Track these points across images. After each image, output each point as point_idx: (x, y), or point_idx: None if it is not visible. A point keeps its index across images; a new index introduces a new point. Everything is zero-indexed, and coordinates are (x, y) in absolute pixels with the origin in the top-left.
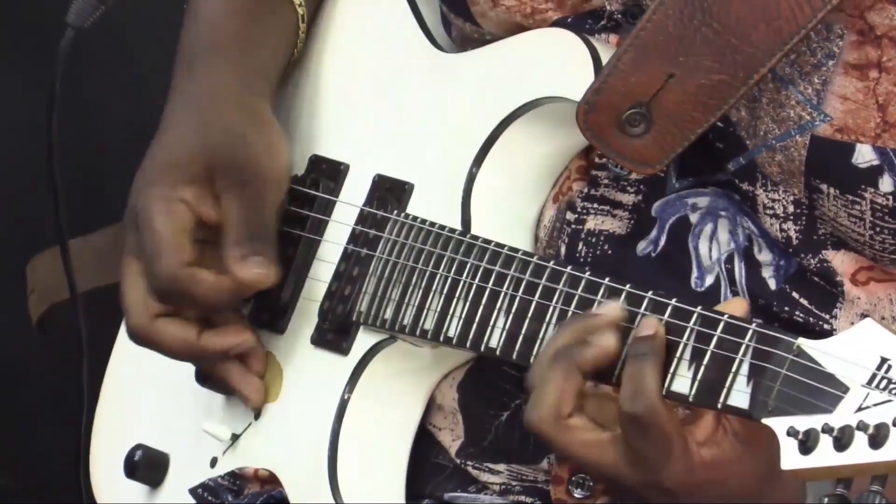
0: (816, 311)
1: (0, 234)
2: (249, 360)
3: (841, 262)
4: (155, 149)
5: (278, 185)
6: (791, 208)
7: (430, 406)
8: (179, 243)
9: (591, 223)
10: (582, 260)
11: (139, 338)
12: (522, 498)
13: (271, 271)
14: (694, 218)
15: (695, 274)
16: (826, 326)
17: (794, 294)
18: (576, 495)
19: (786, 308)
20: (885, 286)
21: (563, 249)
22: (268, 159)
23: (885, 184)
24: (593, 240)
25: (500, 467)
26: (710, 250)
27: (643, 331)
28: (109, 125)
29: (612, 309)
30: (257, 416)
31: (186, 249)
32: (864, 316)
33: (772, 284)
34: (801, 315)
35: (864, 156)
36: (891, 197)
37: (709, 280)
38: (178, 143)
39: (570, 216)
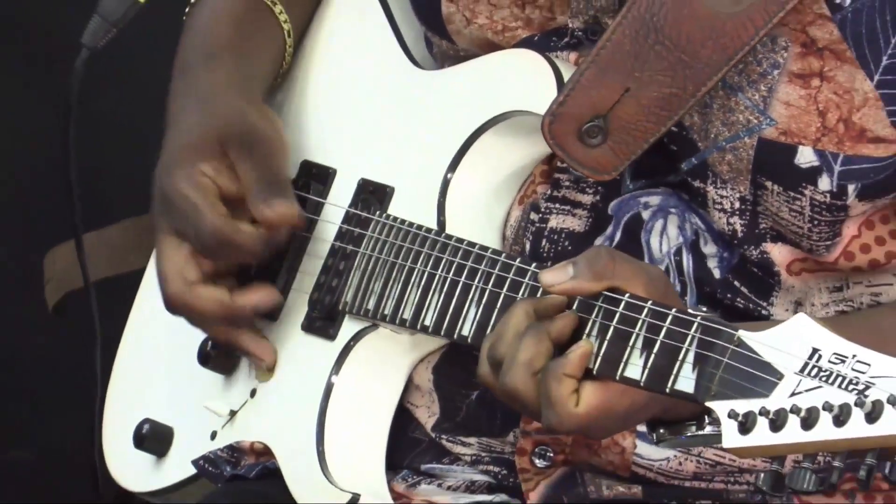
0: (756, 299)
1: (20, 230)
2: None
3: (779, 253)
4: (169, 141)
5: (282, 145)
6: (737, 204)
7: (408, 386)
8: (214, 203)
9: (554, 222)
10: (545, 255)
11: (177, 304)
12: (491, 468)
13: (294, 208)
14: (646, 215)
15: None
16: (764, 312)
17: (737, 283)
18: (538, 464)
19: (728, 295)
20: (816, 276)
21: (528, 246)
22: (268, 126)
23: (823, 182)
24: (555, 237)
25: (471, 440)
26: (661, 244)
27: (572, 348)
28: (118, 132)
29: (554, 298)
30: (253, 394)
31: (221, 207)
32: (797, 303)
33: (716, 274)
34: (742, 302)
35: (806, 157)
36: (828, 194)
37: None
38: (189, 130)
39: (534, 216)
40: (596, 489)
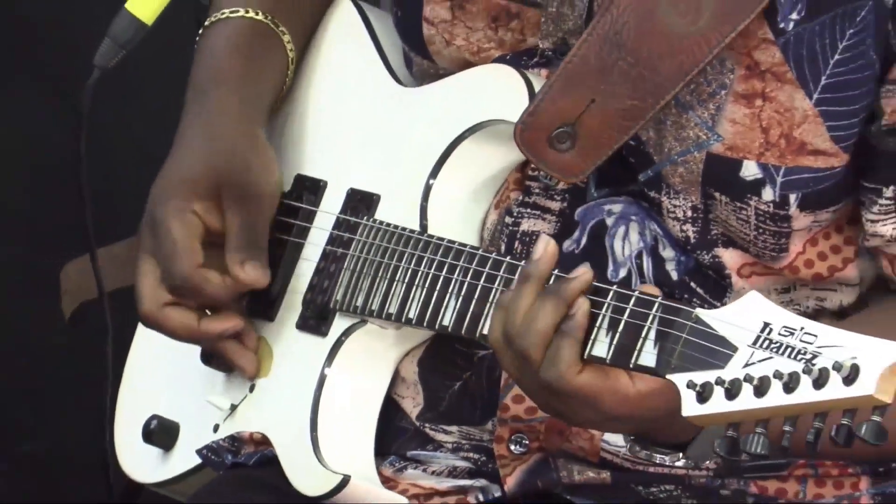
0: (710, 299)
1: (38, 243)
2: (244, 340)
3: (730, 257)
4: (170, 166)
5: (271, 201)
6: (689, 212)
7: (395, 378)
8: (193, 248)
9: (525, 225)
10: (518, 255)
11: (149, 322)
12: (471, 454)
13: (264, 274)
14: (610, 221)
15: (610, 268)
16: None
17: (692, 284)
18: (514, 451)
19: (685, 296)
20: (764, 279)
21: (502, 247)
22: (264, 180)
23: (767, 193)
24: (527, 239)
25: (453, 429)
26: (623, 248)
27: (571, 310)
28: (127, 151)
29: (584, 273)
30: (252, 389)
31: (198, 254)
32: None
33: (674, 276)
34: (698, 301)
35: (750, 170)
36: (771, 204)
37: (622, 272)
38: (190, 163)
39: (508, 220)
40: (568, 474)
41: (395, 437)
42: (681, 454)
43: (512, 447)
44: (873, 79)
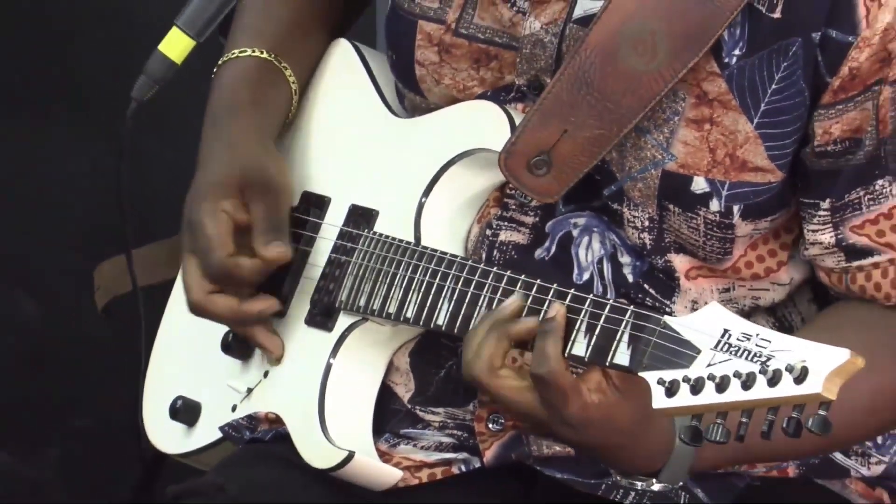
0: (661, 299)
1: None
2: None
3: (680, 262)
4: (199, 177)
5: (287, 194)
6: (647, 222)
7: (390, 367)
8: (224, 241)
9: (503, 236)
10: (496, 262)
11: (197, 309)
12: (455, 432)
13: (287, 251)
14: (575, 233)
15: (575, 272)
16: (667, 310)
17: (646, 286)
18: (491, 429)
19: (639, 296)
20: (709, 280)
21: (483, 255)
22: (279, 177)
23: (714, 205)
24: (504, 248)
25: (439, 410)
26: (587, 255)
27: (549, 314)
28: (158, 169)
29: (513, 301)
30: (266, 375)
31: (230, 245)
32: (693, 301)
33: (630, 279)
34: (651, 300)
35: (699, 185)
36: (717, 214)
37: (585, 276)
38: (215, 170)
39: (488, 232)
40: (538, 448)
41: (389, 418)
42: (654, 480)
43: (490, 425)
44: (804, 105)
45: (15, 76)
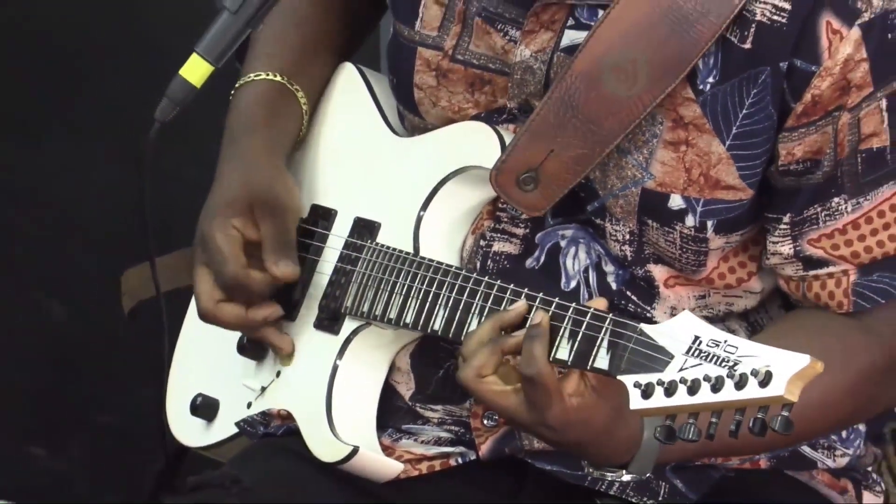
0: (642, 305)
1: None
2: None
3: (658, 272)
4: (212, 195)
5: (294, 214)
6: (627, 236)
7: (392, 368)
8: (237, 254)
9: (496, 247)
10: (490, 272)
11: (207, 317)
12: (452, 427)
13: (295, 269)
14: (563, 244)
15: (563, 280)
16: (648, 315)
17: (628, 293)
18: (486, 424)
19: (623, 302)
20: (686, 288)
21: (478, 264)
22: (287, 198)
23: (689, 220)
24: (497, 258)
25: (438, 407)
26: (573, 265)
27: (535, 320)
28: (179, 183)
29: (520, 305)
30: (278, 374)
31: (241, 258)
32: (672, 308)
33: (613, 286)
34: (633, 307)
35: (676, 202)
36: (692, 229)
37: (572, 284)
38: (228, 190)
39: (482, 243)
40: (529, 443)
41: (392, 414)
42: (624, 471)
43: (485, 421)
44: (772, 129)
45: (48, 95)
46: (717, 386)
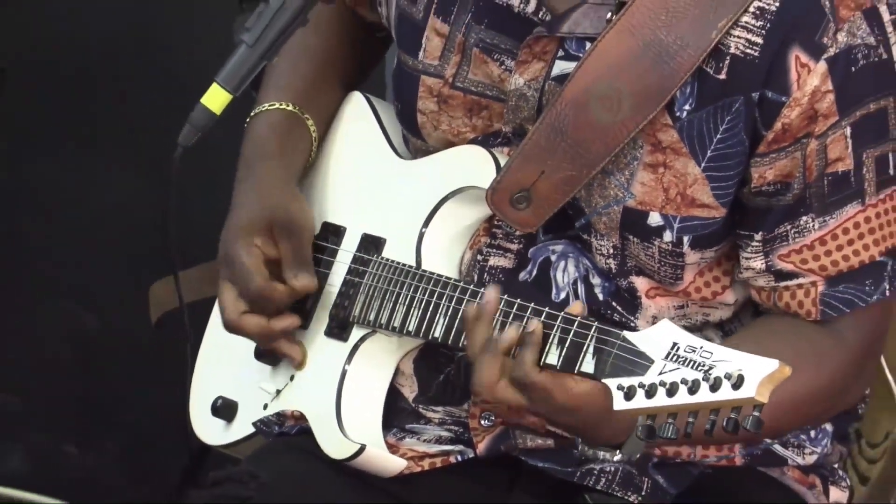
0: (626, 314)
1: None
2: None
3: (641, 283)
4: (232, 218)
5: (309, 233)
6: (611, 250)
7: (397, 372)
8: (260, 269)
9: (492, 261)
10: (486, 283)
11: (231, 327)
12: (452, 427)
13: (312, 281)
14: (553, 258)
15: (553, 291)
16: (631, 324)
17: (613, 303)
18: (483, 424)
19: (608, 311)
20: (666, 299)
21: (475, 277)
22: (302, 218)
23: (667, 236)
24: (493, 271)
25: (439, 408)
26: (563, 277)
27: (529, 328)
28: (200, 202)
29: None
30: (292, 378)
31: (265, 272)
32: (654, 317)
33: (600, 297)
34: (618, 316)
35: (655, 219)
36: (670, 244)
37: (562, 295)
38: (247, 211)
39: (479, 257)
40: (522, 441)
41: (396, 415)
42: (617, 451)
43: (482, 422)
44: (744, 153)
45: (83, 122)
46: (693, 388)
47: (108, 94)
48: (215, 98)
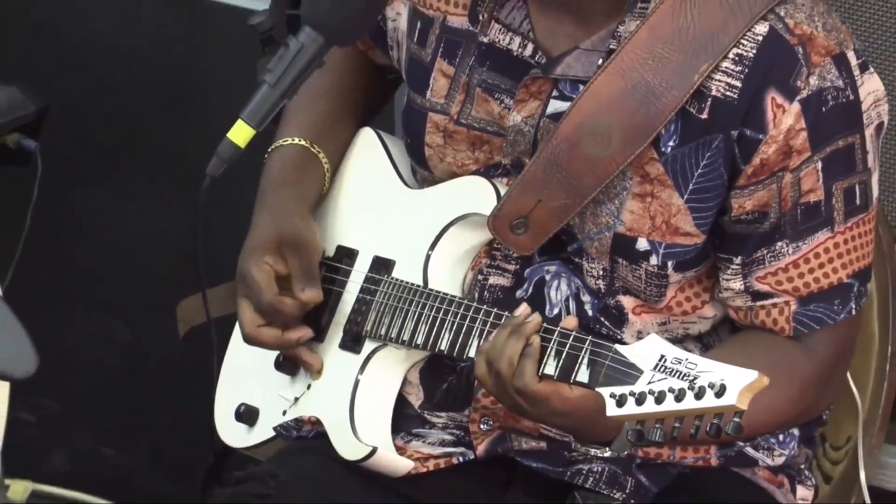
0: (614, 329)
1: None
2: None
3: (627, 301)
4: (248, 240)
5: (316, 250)
6: (601, 272)
7: (404, 381)
8: (270, 285)
9: (492, 280)
10: (486, 300)
11: (250, 339)
12: (455, 431)
13: (318, 294)
14: (547, 277)
15: (547, 308)
16: (619, 337)
17: (602, 318)
18: (482, 428)
19: (597, 326)
20: (650, 315)
21: (476, 295)
22: (310, 237)
23: (653, 260)
24: (493, 289)
25: (442, 414)
26: (556, 295)
27: (528, 341)
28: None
29: (536, 316)
30: (309, 387)
31: (274, 287)
32: (639, 331)
33: (590, 313)
34: (606, 330)
35: (642, 245)
36: (656, 267)
37: (555, 311)
38: (261, 234)
39: (480, 277)
40: (518, 444)
41: (404, 420)
42: (608, 447)
43: (482, 426)
44: (723, 185)
45: (121, 154)
46: (679, 396)
47: (144, 129)
48: (240, 133)
